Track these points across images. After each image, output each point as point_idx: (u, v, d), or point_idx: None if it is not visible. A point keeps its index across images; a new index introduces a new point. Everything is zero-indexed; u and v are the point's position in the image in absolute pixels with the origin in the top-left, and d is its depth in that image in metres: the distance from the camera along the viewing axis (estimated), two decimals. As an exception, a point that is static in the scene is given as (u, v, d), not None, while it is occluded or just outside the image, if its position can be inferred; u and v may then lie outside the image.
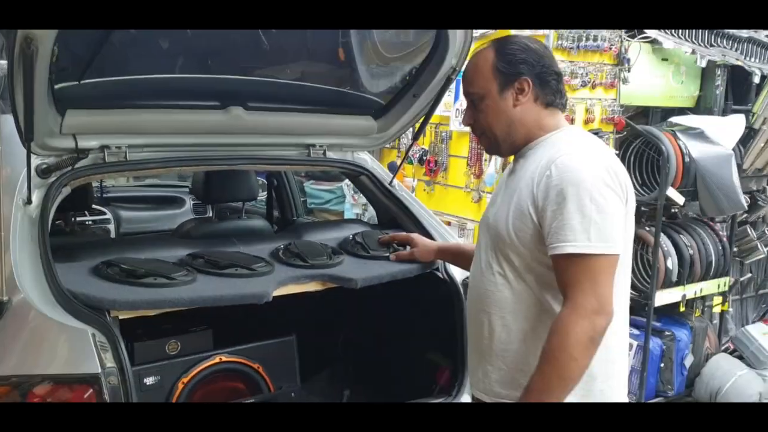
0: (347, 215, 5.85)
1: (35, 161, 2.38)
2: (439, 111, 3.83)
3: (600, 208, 1.84)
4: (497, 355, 2.03)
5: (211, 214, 4.83)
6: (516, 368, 2.00)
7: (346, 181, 5.70)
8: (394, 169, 3.52)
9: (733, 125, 4.73)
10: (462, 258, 2.70)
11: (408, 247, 2.81)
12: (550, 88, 2.04)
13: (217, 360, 2.48)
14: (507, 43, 2.04)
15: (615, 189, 1.89)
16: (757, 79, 4.94)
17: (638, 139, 4.47)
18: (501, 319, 2.02)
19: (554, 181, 1.88)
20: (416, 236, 2.83)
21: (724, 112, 4.92)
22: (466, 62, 2.08)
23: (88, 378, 1.94)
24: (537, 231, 1.93)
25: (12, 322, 2.01)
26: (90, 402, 1.93)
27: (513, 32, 3.19)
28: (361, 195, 5.31)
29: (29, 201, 2.32)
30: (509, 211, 1.99)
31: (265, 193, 4.47)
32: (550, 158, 1.93)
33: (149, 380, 2.34)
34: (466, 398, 2.71)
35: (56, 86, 2.29)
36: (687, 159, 4.40)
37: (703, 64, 4.67)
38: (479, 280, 2.10)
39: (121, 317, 2.15)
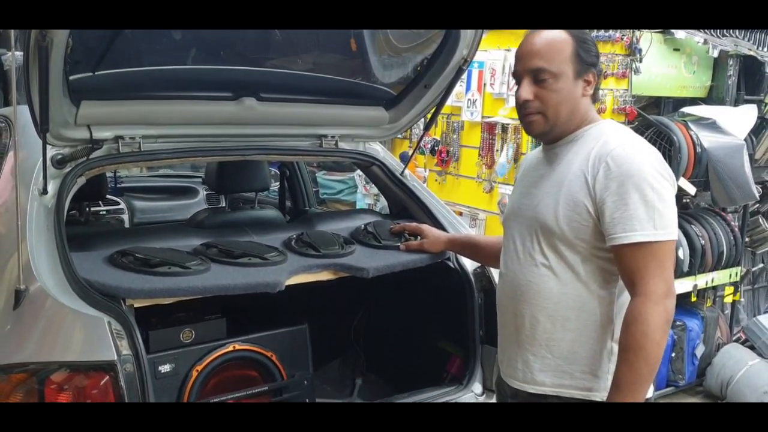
0: (359, 205, 5.87)
1: (50, 152, 2.40)
2: (451, 101, 3.85)
3: (660, 197, 1.89)
4: (541, 344, 2.05)
5: (224, 204, 4.87)
6: (561, 356, 2.03)
7: (358, 171, 5.72)
8: (405, 159, 3.53)
9: (745, 115, 4.71)
10: (472, 249, 2.73)
11: (419, 238, 2.82)
12: (598, 83, 2.10)
13: (230, 348, 2.50)
14: (583, 33, 2.05)
15: (668, 178, 1.94)
16: (769, 70, 4.93)
17: (650, 130, 4.46)
18: (545, 310, 2.03)
19: (613, 173, 1.90)
20: (426, 227, 2.84)
21: (736, 103, 4.91)
22: (532, 38, 2.03)
23: (105, 365, 1.96)
24: (594, 223, 1.95)
25: (29, 310, 2.03)
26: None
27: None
28: (373, 185, 5.33)
29: (45, 191, 2.35)
30: (558, 202, 2.00)
31: (278, 183, 4.49)
32: (601, 150, 1.95)
33: (164, 368, 2.36)
34: (477, 387, 2.73)
35: (71, 77, 2.31)
36: (699, 149, 4.40)
37: (716, 54, 4.66)
38: (517, 271, 2.10)
39: (136, 305, 2.17)
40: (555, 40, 2.01)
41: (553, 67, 1.99)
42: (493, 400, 2.72)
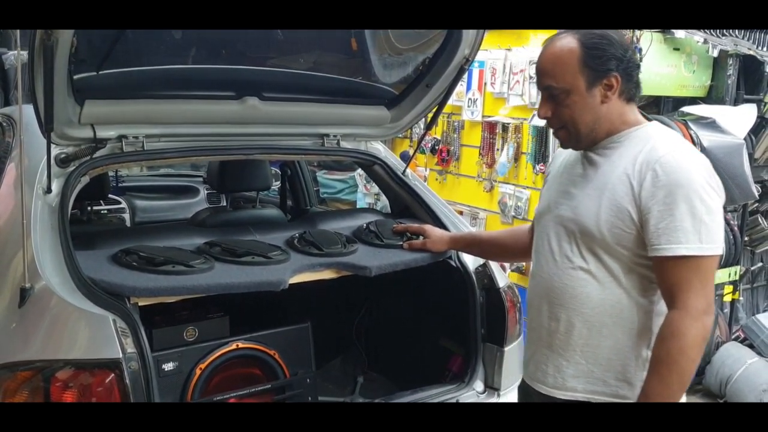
0: (359, 205, 5.88)
1: (54, 151, 2.41)
2: (452, 101, 3.86)
3: (708, 209, 1.83)
4: (575, 350, 2.00)
5: (225, 204, 4.89)
6: (595, 362, 1.98)
7: (359, 170, 5.74)
8: (406, 158, 3.54)
9: (745, 115, 4.72)
10: (475, 246, 2.73)
11: (421, 238, 2.83)
12: (633, 82, 1.99)
13: (234, 346, 2.51)
14: (593, 35, 1.94)
15: (716, 189, 1.88)
16: (769, 69, 4.93)
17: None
18: (582, 315, 1.98)
19: (662, 181, 1.84)
20: (429, 227, 2.84)
21: (736, 102, 4.92)
22: (543, 53, 1.99)
23: (110, 363, 1.98)
24: (637, 231, 1.89)
25: (34, 308, 2.04)
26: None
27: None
28: (374, 184, 5.34)
29: (49, 190, 2.36)
30: (600, 206, 1.93)
31: (278, 183, 4.50)
32: (649, 156, 1.89)
33: (168, 366, 2.37)
34: (478, 385, 2.74)
35: (75, 77, 2.32)
36: (698, 148, 4.40)
37: (715, 53, 4.67)
38: (552, 274, 2.04)
39: (140, 304, 2.18)
40: (561, 54, 1.94)
41: (561, 83, 1.94)
42: (495, 398, 2.74)
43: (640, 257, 1.91)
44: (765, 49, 4.97)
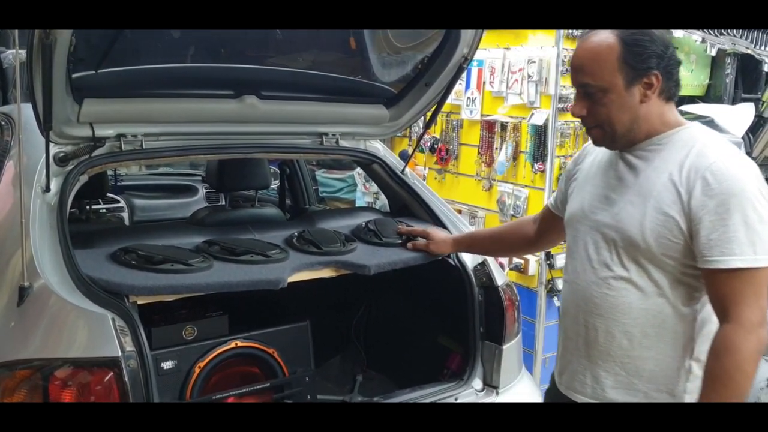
0: (358, 204, 5.88)
1: (53, 150, 2.41)
2: (451, 99, 3.85)
3: (761, 218, 1.75)
4: (615, 360, 1.94)
5: (223, 203, 4.89)
6: (636, 374, 1.92)
7: (358, 169, 5.73)
8: (405, 157, 3.55)
9: (743, 113, 4.74)
10: (478, 246, 2.73)
11: (419, 239, 2.83)
12: (674, 81, 1.91)
13: (232, 345, 2.51)
14: (633, 34, 1.85)
15: (766, 196, 1.79)
16: (766, 68, 4.95)
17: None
18: (622, 325, 1.91)
19: (713, 189, 1.76)
20: (432, 230, 2.82)
21: (734, 101, 4.93)
22: (579, 49, 1.91)
23: (109, 361, 1.98)
24: (686, 241, 1.81)
25: (33, 306, 2.04)
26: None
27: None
28: (372, 183, 5.34)
29: (47, 189, 2.36)
30: (644, 214, 1.86)
31: (277, 182, 4.51)
32: (697, 163, 1.81)
33: (166, 365, 2.37)
34: (477, 383, 2.75)
35: (74, 75, 2.32)
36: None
37: (713, 52, 4.68)
38: (591, 282, 1.97)
39: (139, 302, 2.18)
40: (599, 50, 1.86)
41: (599, 81, 1.86)
42: (494, 396, 2.75)
43: (687, 267, 1.84)
44: (763, 47, 4.98)
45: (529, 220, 2.51)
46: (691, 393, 1.89)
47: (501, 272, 2.92)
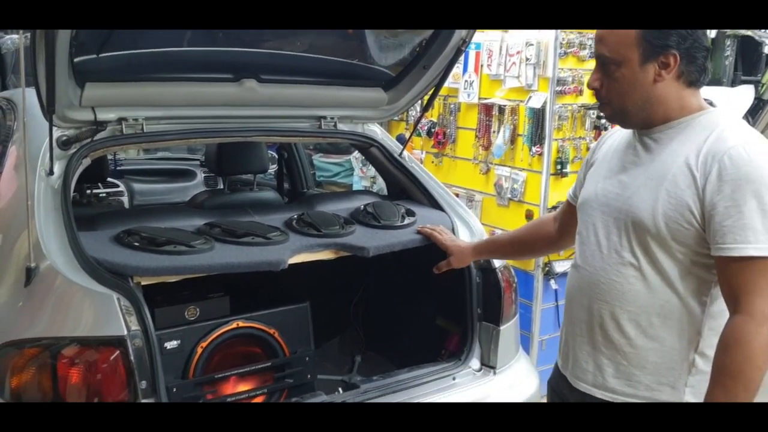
0: (356, 188, 5.90)
1: (56, 133, 2.44)
2: (448, 83, 3.87)
3: None
4: (617, 349, 1.90)
5: (222, 187, 4.91)
6: (637, 365, 1.88)
7: (355, 153, 5.76)
8: (403, 141, 3.57)
9: (742, 96, 4.74)
10: (497, 251, 2.72)
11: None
12: (696, 66, 1.83)
13: (234, 325, 2.55)
14: None
15: None
16: (766, 50, 4.95)
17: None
18: (628, 313, 1.87)
19: (730, 174, 1.70)
20: (450, 242, 2.76)
21: (734, 83, 4.94)
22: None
23: (115, 340, 2.02)
24: (699, 228, 1.76)
25: (40, 287, 2.08)
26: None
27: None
28: (370, 168, 5.38)
29: (51, 172, 2.39)
30: (657, 198, 1.80)
31: (274, 167, 4.53)
32: (715, 147, 1.75)
33: (170, 344, 2.41)
34: (475, 363, 2.78)
35: (75, 60, 2.34)
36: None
37: (713, 34, 4.68)
38: (598, 267, 1.93)
39: (143, 283, 2.21)
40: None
41: (613, 53, 1.82)
42: (491, 376, 2.79)
43: (698, 255, 1.79)
44: (763, 30, 4.98)
45: (549, 218, 2.46)
46: (692, 387, 1.85)
47: (498, 254, 2.94)
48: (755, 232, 1.68)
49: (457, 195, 4.37)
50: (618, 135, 2.04)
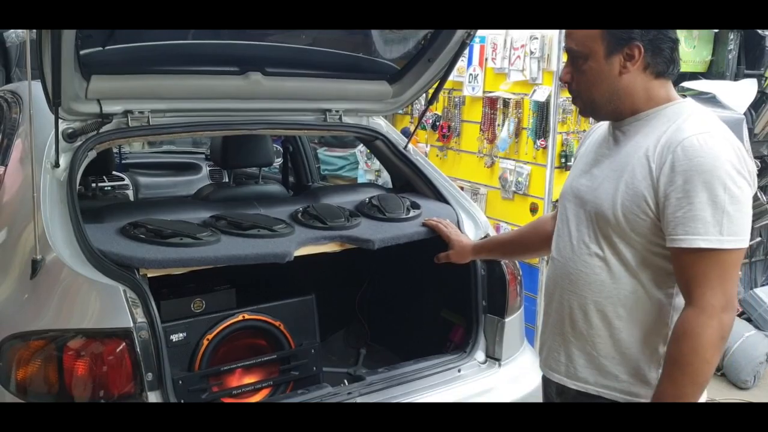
0: (360, 181, 5.90)
1: (62, 126, 2.44)
2: (453, 76, 3.87)
3: (733, 199, 1.68)
4: (587, 340, 1.90)
5: (227, 180, 4.92)
6: (607, 355, 1.88)
7: (360, 147, 5.76)
8: (407, 134, 3.57)
9: (745, 90, 4.73)
10: (498, 251, 2.69)
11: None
12: (663, 57, 1.83)
13: (240, 318, 2.55)
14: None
15: (745, 176, 1.72)
16: (770, 44, 4.93)
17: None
18: (594, 304, 1.87)
19: (682, 165, 1.70)
20: (454, 236, 2.75)
21: (736, 77, 4.92)
22: None
23: (121, 332, 2.03)
24: (654, 219, 1.76)
25: (46, 279, 2.09)
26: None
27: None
28: (375, 161, 5.37)
29: (57, 164, 2.39)
30: (617, 188, 1.81)
31: (279, 160, 4.53)
32: (672, 137, 1.74)
33: (176, 337, 2.41)
34: (479, 355, 2.79)
35: (81, 52, 2.34)
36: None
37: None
38: (568, 258, 1.94)
39: (149, 275, 2.22)
40: None
41: (579, 46, 1.84)
42: (496, 368, 2.79)
43: (656, 246, 1.79)
44: (766, 24, 4.96)
45: (547, 217, 2.44)
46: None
47: (504, 247, 2.94)
48: (705, 224, 1.68)
49: (461, 188, 4.37)
50: (601, 129, 2.05)
